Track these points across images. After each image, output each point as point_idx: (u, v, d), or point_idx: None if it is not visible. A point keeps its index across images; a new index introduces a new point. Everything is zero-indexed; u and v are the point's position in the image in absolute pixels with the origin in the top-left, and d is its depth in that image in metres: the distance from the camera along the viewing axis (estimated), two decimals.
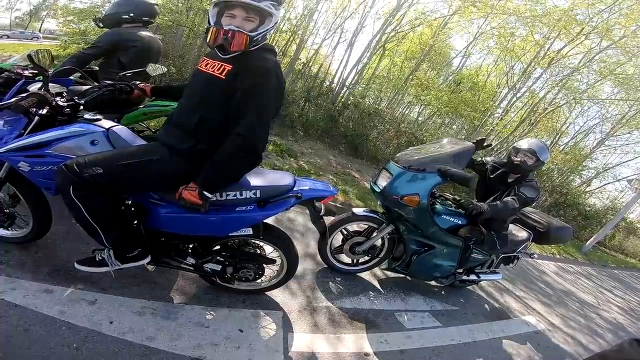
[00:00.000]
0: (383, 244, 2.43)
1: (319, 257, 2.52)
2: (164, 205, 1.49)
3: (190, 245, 1.75)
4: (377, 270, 2.70)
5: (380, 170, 2.43)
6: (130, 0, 2.44)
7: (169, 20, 7.39)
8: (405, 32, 11.13)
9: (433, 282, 2.75)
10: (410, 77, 12.04)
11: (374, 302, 2.38)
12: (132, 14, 2.37)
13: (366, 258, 2.46)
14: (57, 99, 1.53)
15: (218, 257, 1.75)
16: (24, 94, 1.45)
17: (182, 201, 1.35)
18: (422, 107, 14.78)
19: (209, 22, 1.37)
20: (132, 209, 1.60)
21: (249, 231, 1.68)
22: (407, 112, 16.59)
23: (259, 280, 1.91)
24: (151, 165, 1.38)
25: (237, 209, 1.53)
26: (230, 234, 1.68)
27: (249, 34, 1.31)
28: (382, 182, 2.32)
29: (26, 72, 2.44)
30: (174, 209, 1.46)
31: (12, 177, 1.61)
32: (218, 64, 1.38)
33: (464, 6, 9.16)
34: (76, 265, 1.60)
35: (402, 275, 2.63)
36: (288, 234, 1.87)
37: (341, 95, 9.61)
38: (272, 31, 1.40)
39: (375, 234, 2.38)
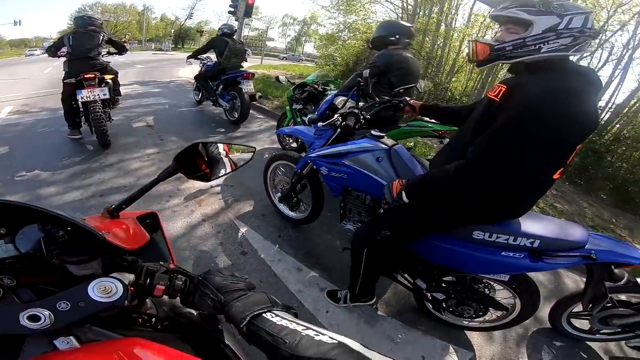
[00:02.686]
0: None
1: (542, 313, 1.98)
2: (434, 236, 1.45)
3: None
4: (613, 344, 2.01)
5: None
6: (394, 24, 2.73)
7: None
8: None
9: None
10: None
11: None
12: (397, 36, 2.52)
13: (612, 330, 1.88)
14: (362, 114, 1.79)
15: (448, 288, 1.62)
16: (343, 111, 1.79)
17: (387, 187, 1.38)
18: None
19: None
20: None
21: (506, 278, 1.46)
22: None
23: (467, 320, 1.73)
24: (427, 220, 1.38)
25: (503, 253, 1.32)
26: (482, 274, 1.51)
27: (491, 42, 1.17)
28: None
29: (320, 87, 3.27)
30: (443, 240, 1.43)
31: (309, 174, 2.07)
32: (497, 87, 1.22)
33: None
34: (324, 295, 1.88)
35: None
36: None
37: (612, 125, 7.15)
38: (541, 41, 1.09)
39: None
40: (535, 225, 1.31)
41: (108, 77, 3.53)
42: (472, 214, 1.30)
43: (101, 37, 3.57)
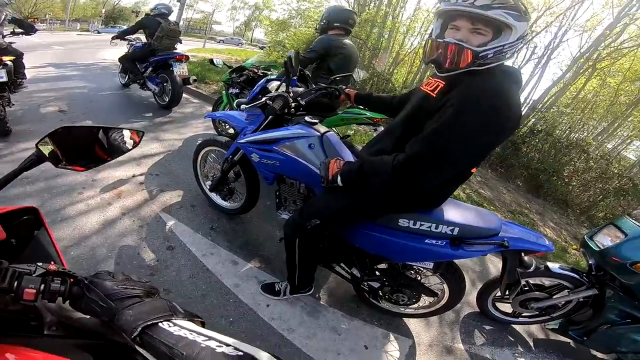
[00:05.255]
0: (565, 304, 2.01)
1: (471, 297, 2.16)
2: (364, 225, 1.44)
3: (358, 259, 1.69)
4: (535, 327, 2.19)
5: (605, 226, 1.96)
6: (336, 9, 2.73)
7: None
8: (628, 50, 8.53)
9: (606, 357, 2.13)
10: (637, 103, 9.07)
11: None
12: (337, 23, 2.53)
13: (532, 312, 2.06)
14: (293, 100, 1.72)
15: (382, 276, 1.65)
16: (272, 95, 1.69)
17: (323, 165, 1.32)
18: None
19: (430, 35, 1.17)
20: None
21: (430, 265, 1.51)
22: (622, 148, 12.32)
23: (403, 307, 1.80)
24: (355, 208, 1.36)
25: (427, 241, 1.35)
26: (408, 262, 1.55)
27: (474, 48, 1.01)
28: (605, 240, 1.87)
29: (260, 72, 3.16)
30: (371, 228, 1.42)
31: (241, 161, 1.94)
32: (434, 81, 1.18)
33: None
34: (259, 289, 1.79)
35: (565, 340, 2.13)
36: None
37: (528, 119, 7.90)
38: (513, 48, 1.05)
39: (565, 293, 1.97)
40: (455, 212, 1.35)
41: (7, 59, 3.11)
42: (399, 203, 1.30)
43: (2, 16, 3.18)
